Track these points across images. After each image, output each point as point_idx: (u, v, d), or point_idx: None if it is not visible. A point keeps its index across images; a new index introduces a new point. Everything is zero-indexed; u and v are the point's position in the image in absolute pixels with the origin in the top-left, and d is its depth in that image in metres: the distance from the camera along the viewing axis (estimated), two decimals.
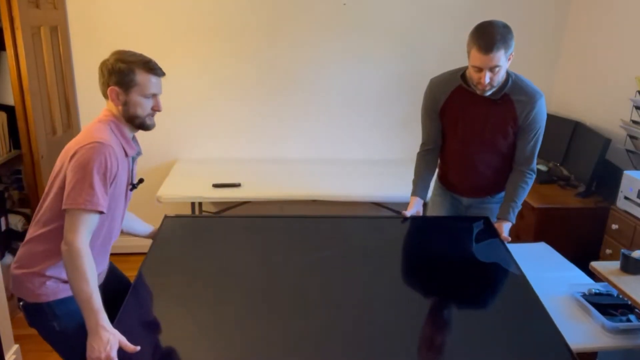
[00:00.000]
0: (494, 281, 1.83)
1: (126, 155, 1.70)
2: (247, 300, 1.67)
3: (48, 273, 1.63)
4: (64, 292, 1.65)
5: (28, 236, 1.68)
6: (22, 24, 2.78)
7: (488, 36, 1.92)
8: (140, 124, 1.70)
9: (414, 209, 2.28)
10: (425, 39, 3.67)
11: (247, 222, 2.23)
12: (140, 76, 1.64)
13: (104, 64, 1.65)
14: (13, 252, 3.18)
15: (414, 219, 2.26)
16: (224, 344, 1.48)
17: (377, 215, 2.25)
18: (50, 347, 2.76)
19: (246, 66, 3.61)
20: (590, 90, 3.49)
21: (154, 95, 1.69)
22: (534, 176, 2.26)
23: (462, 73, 2.16)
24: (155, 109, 1.70)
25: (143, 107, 1.67)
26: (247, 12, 3.51)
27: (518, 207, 2.24)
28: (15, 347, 2.61)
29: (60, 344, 1.70)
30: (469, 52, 1.99)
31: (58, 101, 3.23)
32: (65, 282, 1.63)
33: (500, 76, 2.01)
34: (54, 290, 1.64)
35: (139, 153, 1.80)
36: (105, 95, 1.68)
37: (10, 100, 3.02)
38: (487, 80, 1.99)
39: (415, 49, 3.68)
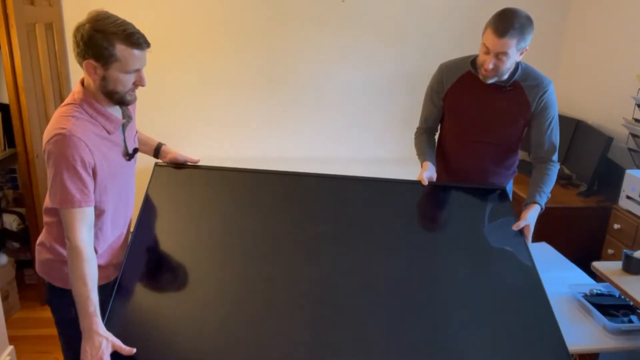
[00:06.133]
0: (502, 271, 1.75)
1: (108, 132, 1.57)
2: (244, 281, 1.62)
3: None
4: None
5: (44, 220, 1.66)
6: (17, 21, 2.75)
7: (506, 21, 1.91)
8: (120, 100, 1.54)
9: (428, 172, 2.11)
10: (425, 37, 3.64)
11: (244, 177, 2.04)
12: (122, 51, 1.44)
13: (78, 31, 1.44)
14: (8, 252, 3.16)
15: (425, 186, 2.07)
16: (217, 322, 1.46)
17: (385, 179, 2.10)
18: (45, 348, 2.76)
19: (244, 64, 3.59)
20: (592, 89, 3.46)
21: (137, 70, 1.51)
22: (557, 167, 2.17)
23: (472, 59, 2.13)
24: (138, 84, 1.53)
25: (124, 83, 1.50)
26: (245, 10, 3.48)
27: (545, 193, 2.10)
28: (10, 348, 2.58)
29: (67, 329, 1.66)
30: (484, 31, 1.97)
31: (53, 99, 3.20)
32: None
33: (506, 67, 1.98)
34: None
35: (129, 120, 1.66)
36: (81, 65, 1.49)
37: (5, 98, 3.00)
38: (490, 65, 1.96)
39: (415, 46, 3.65)
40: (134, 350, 1.41)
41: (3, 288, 2.95)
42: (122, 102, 1.56)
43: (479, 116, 2.15)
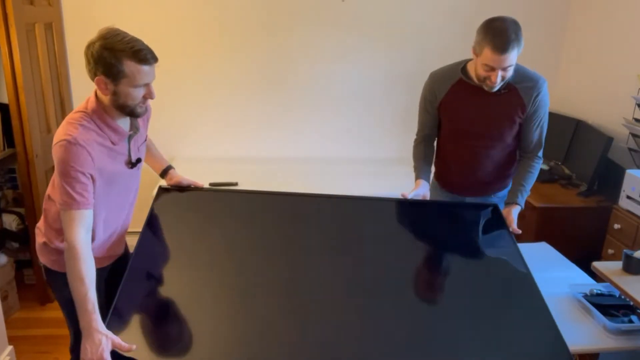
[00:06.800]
0: (498, 278, 1.78)
1: (113, 143, 1.65)
2: (243, 289, 1.63)
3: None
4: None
5: (43, 207, 1.76)
6: (17, 21, 2.75)
7: (503, 36, 1.87)
8: (130, 112, 1.63)
9: (420, 190, 2.17)
10: (425, 36, 3.63)
11: (244, 197, 2.11)
12: (130, 67, 1.52)
13: (88, 49, 1.54)
14: (7, 252, 3.15)
15: (419, 204, 2.14)
16: (215, 332, 1.46)
17: (380, 197, 2.15)
18: (44, 348, 2.76)
19: (243, 64, 3.58)
20: (592, 88, 3.46)
21: (146, 84, 1.59)
22: (541, 161, 2.23)
23: (462, 66, 2.13)
24: (147, 97, 1.62)
25: (133, 97, 1.58)
26: (245, 10, 3.48)
27: (527, 191, 2.20)
28: (9, 348, 2.58)
29: (69, 308, 1.75)
30: (479, 51, 1.95)
31: (53, 99, 3.19)
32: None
33: (511, 72, 1.99)
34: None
35: (136, 131, 1.75)
36: (92, 81, 1.59)
37: (4, 98, 3.00)
38: (499, 79, 1.97)
39: (414, 46, 3.65)
40: (134, 347, 1.40)
41: (2, 288, 2.94)
42: (133, 114, 1.64)
43: (475, 122, 2.16)
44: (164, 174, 2.10)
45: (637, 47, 3.06)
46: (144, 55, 1.53)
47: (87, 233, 1.56)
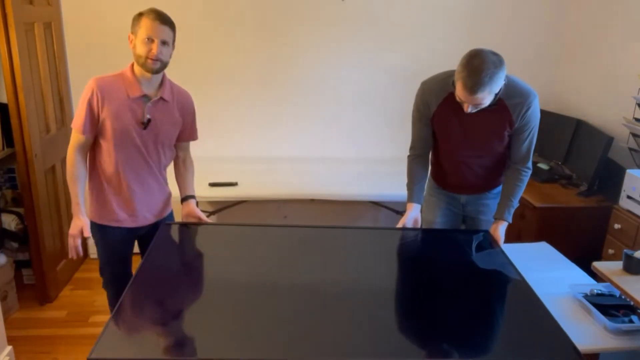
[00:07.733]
0: (495, 288, 1.82)
1: (128, 95, 2.02)
2: (240, 320, 1.61)
3: (91, 190, 2.15)
4: (102, 219, 2.14)
5: None
6: (16, 20, 2.75)
7: (476, 77, 1.86)
8: (142, 65, 2.00)
9: (411, 216, 2.27)
10: (424, 37, 3.63)
11: (245, 230, 2.22)
12: (143, 21, 1.95)
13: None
14: (6, 252, 3.15)
15: (412, 231, 2.24)
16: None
17: (375, 227, 2.25)
18: (43, 348, 2.76)
19: (243, 64, 3.58)
20: (593, 88, 3.45)
21: (151, 40, 1.95)
22: (530, 172, 2.26)
23: (454, 79, 2.12)
24: (150, 53, 1.96)
25: (141, 49, 1.96)
26: (245, 10, 3.47)
27: (514, 205, 2.25)
28: (9, 348, 2.58)
29: (97, 247, 2.23)
30: (456, 81, 1.94)
31: (52, 98, 3.19)
32: (103, 206, 2.13)
33: (485, 105, 1.98)
34: (96, 213, 2.15)
35: (151, 97, 2.07)
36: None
37: (3, 97, 2.99)
38: (469, 110, 1.99)
39: (414, 46, 3.65)
40: (89, 235, 2.07)
41: (2, 288, 2.94)
42: (145, 66, 1.99)
43: (467, 135, 2.18)
44: (184, 199, 2.32)
45: (637, 47, 3.05)
46: (156, 13, 1.97)
47: (81, 154, 2.05)
